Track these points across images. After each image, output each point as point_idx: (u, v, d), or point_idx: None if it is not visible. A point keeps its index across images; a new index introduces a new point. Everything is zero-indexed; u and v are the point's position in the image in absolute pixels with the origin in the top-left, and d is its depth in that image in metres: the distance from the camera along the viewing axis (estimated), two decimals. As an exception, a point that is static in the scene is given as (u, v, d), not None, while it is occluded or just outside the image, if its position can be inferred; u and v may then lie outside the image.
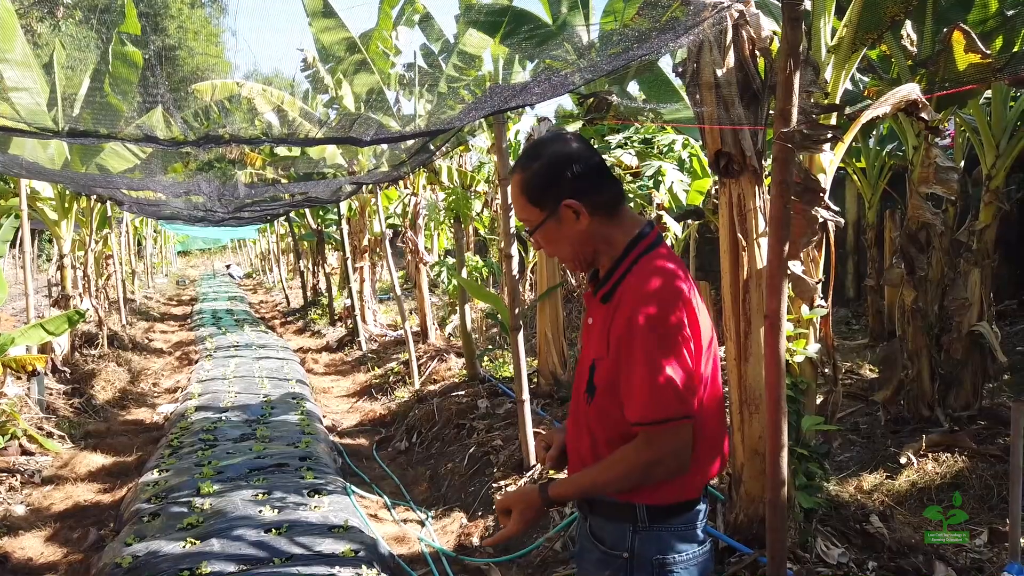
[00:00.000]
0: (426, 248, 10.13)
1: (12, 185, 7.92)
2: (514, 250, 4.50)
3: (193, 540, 3.75)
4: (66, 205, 8.50)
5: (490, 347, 8.64)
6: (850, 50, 3.36)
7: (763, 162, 3.21)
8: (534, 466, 4.60)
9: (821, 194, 3.13)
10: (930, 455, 4.61)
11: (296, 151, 8.95)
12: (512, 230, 4.45)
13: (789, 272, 3.19)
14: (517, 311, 4.43)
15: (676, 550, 1.65)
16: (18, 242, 7.22)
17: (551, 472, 1.93)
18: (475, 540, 4.25)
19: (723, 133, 3.12)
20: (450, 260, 10.25)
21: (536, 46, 5.50)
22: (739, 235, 3.21)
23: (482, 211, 10.17)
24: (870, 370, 6.96)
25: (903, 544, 3.33)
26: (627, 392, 1.59)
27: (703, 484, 1.71)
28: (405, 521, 4.66)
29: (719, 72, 3.08)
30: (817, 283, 3.34)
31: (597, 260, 1.72)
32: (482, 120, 5.61)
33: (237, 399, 7.21)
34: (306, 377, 8.81)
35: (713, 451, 1.70)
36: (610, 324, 1.63)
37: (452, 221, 7.89)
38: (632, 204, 6.29)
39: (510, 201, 4.42)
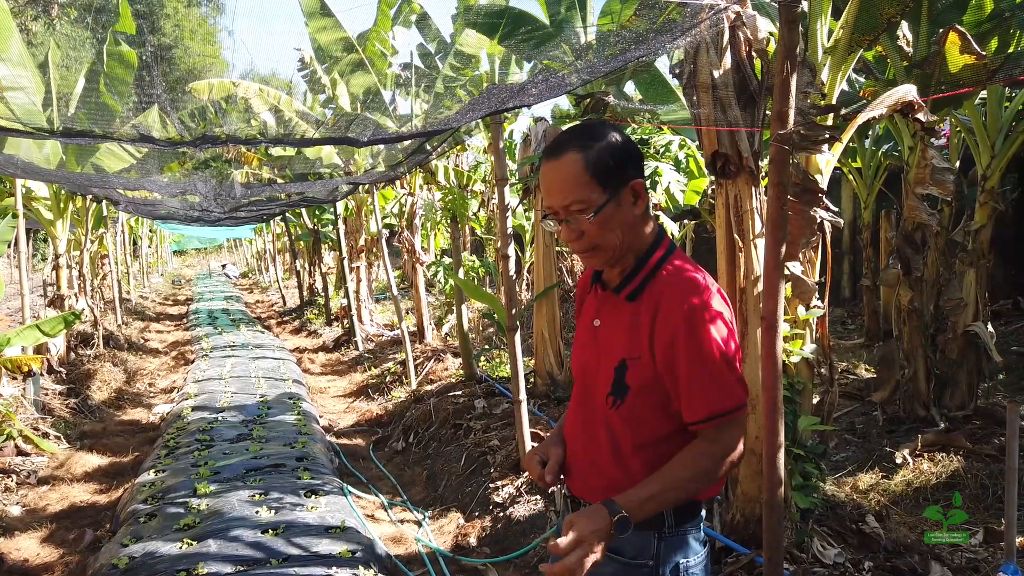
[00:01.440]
0: (423, 248, 10.12)
1: (8, 185, 7.90)
2: (511, 250, 4.50)
3: (190, 541, 3.74)
4: (61, 205, 8.48)
5: (487, 347, 8.65)
6: (846, 51, 3.37)
7: (760, 163, 3.22)
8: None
9: (820, 194, 3.14)
10: (926, 455, 4.62)
11: (292, 151, 8.94)
12: (509, 230, 4.45)
13: (788, 273, 3.20)
14: (514, 311, 4.43)
15: (694, 551, 1.65)
16: (13, 242, 7.19)
17: (551, 491, 1.79)
18: (472, 540, 4.25)
19: (720, 134, 3.13)
20: (447, 260, 10.25)
21: (534, 47, 5.50)
22: (736, 236, 3.22)
23: (479, 211, 10.18)
24: (866, 370, 6.98)
25: (899, 544, 3.34)
26: (692, 389, 1.55)
27: (725, 480, 1.72)
28: (402, 521, 4.66)
29: (716, 73, 3.09)
30: (815, 284, 3.35)
31: (624, 257, 1.65)
32: (479, 120, 5.61)
33: (233, 399, 7.20)
34: (303, 377, 8.80)
35: None
36: (652, 323, 1.57)
37: (449, 221, 7.89)
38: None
39: (508, 201, 4.42)
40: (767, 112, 3.13)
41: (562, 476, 1.75)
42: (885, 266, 5.46)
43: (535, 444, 1.76)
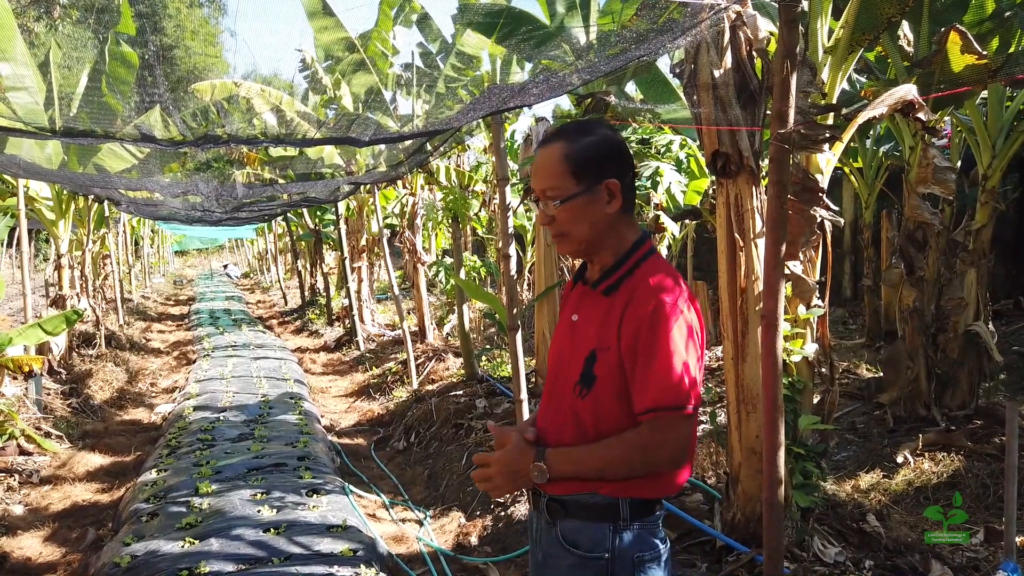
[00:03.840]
0: (424, 248, 10.13)
1: (10, 185, 7.91)
2: (512, 250, 4.50)
3: (192, 540, 3.75)
4: (63, 205, 8.50)
5: (488, 347, 8.65)
6: (847, 51, 3.37)
7: (760, 162, 3.23)
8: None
9: (820, 193, 3.14)
10: (927, 454, 4.63)
11: (294, 151, 8.95)
12: (510, 230, 4.45)
13: (789, 272, 3.20)
14: (515, 311, 4.44)
15: (652, 546, 1.68)
16: (15, 242, 7.23)
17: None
18: (473, 539, 4.26)
19: (720, 134, 3.14)
20: (448, 260, 10.26)
21: (534, 47, 5.50)
22: (736, 235, 3.22)
23: (480, 211, 10.19)
24: (867, 370, 6.98)
25: (900, 543, 3.35)
26: (642, 380, 1.59)
27: (685, 481, 1.76)
28: (403, 521, 4.66)
29: (716, 73, 3.10)
30: (816, 283, 3.35)
31: (597, 252, 1.72)
32: (480, 120, 5.62)
33: (235, 399, 7.21)
34: (304, 377, 8.81)
35: (694, 450, 1.73)
36: (621, 315, 1.63)
37: (450, 221, 7.90)
38: (630, 204, 6.29)
39: (509, 201, 4.43)
40: (767, 111, 3.14)
41: None
42: (888, 266, 5.46)
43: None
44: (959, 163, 5.78)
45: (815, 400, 3.54)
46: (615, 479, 1.63)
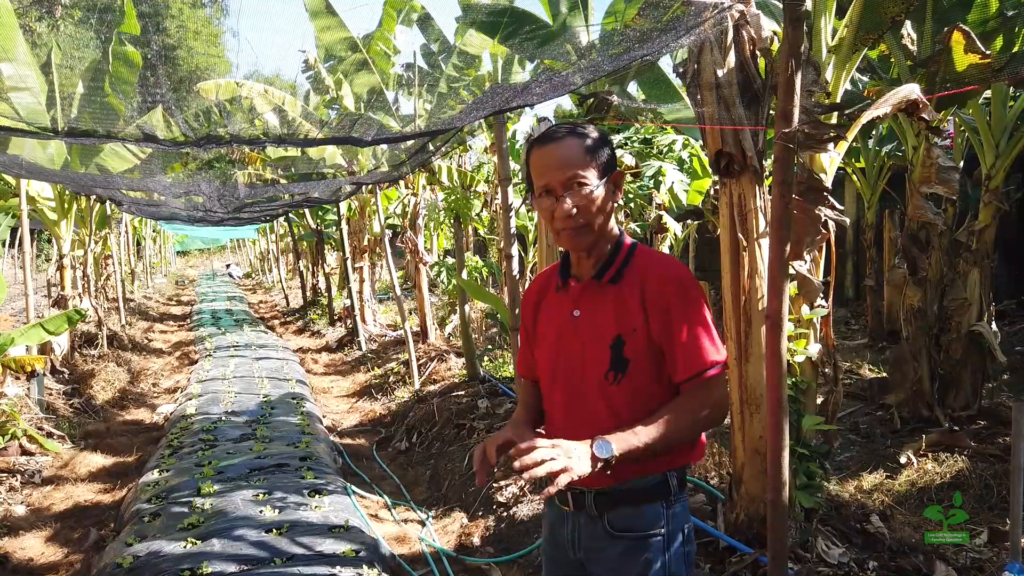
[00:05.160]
0: (426, 248, 10.13)
1: (11, 185, 7.92)
2: (514, 250, 4.50)
3: (194, 540, 3.75)
4: (65, 205, 8.50)
5: (490, 347, 8.64)
6: (851, 50, 3.37)
7: (764, 162, 3.22)
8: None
9: (825, 193, 3.14)
10: (930, 455, 4.62)
11: (296, 151, 8.95)
12: (512, 230, 4.45)
13: (795, 272, 3.19)
14: (517, 311, 4.43)
15: (688, 516, 1.81)
16: (17, 242, 7.22)
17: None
18: (475, 540, 4.25)
19: (724, 133, 3.13)
20: (450, 260, 10.25)
21: (537, 47, 5.50)
22: (740, 235, 3.21)
23: (482, 211, 10.18)
24: (869, 370, 6.97)
25: (903, 544, 3.34)
26: (687, 349, 1.69)
27: (704, 445, 1.85)
28: (406, 521, 4.66)
29: (720, 72, 3.09)
30: (821, 283, 3.34)
31: (599, 243, 1.79)
32: (482, 120, 5.61)
33: (237, 399, 7.21)
34: (306, 377, 8.81)
35: None
36: (641, 298, 1.71)
37: (452, 221, 7.89)
38: (632, 204, 6.30)
39: (511, 201, 4.42)
40: (771, 111, 3.13)
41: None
42: (892, 266, 5.45)
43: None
44: (962, 163, 5.78)
45: (818, 401, 3.53)
46: (676, 445, 1.69)
